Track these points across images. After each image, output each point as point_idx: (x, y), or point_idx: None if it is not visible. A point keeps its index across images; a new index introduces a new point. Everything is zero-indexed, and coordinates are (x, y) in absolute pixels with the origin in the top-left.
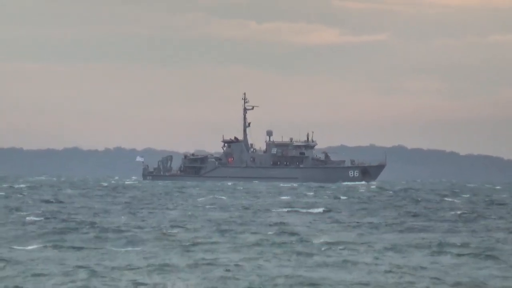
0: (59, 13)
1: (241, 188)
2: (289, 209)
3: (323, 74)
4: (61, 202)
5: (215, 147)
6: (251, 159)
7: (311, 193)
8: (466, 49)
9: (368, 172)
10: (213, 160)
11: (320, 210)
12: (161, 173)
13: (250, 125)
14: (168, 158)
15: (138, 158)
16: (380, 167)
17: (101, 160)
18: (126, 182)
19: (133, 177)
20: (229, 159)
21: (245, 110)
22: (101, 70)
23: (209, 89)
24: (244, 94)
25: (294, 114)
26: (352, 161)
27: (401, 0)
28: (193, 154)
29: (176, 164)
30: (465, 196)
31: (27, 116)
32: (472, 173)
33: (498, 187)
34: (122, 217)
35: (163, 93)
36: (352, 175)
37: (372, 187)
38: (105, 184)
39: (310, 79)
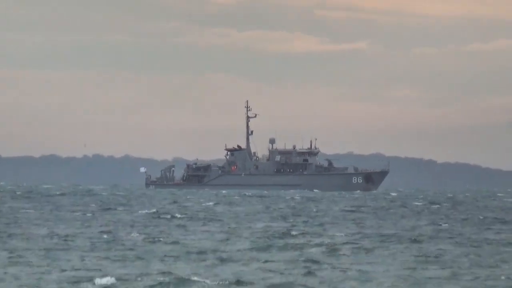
0: (37, 19)
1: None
2: None
3: (303, 82)
4: None
5: (192, 156)
6: (255, 166)
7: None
8: (446, 58)
9: (371, 179)
10: (216, 168)
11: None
12: (164, 182)
13: (253, 133)
14: (170, 167)
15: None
16: (383, 174)
17: (79, 167)
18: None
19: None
20: (232, 167)
21: (247, 118)
22: (85, 77)
23: (191, 97)
24: (247, 102)
25: (273, 122)
26: (356, 168)
27: (382, 9)
28: (195, 164)
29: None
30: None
31: (3, 123)
32: (449, 181)
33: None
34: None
35: (144, 101)
36: (356, 181)
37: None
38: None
39: (291, 87)
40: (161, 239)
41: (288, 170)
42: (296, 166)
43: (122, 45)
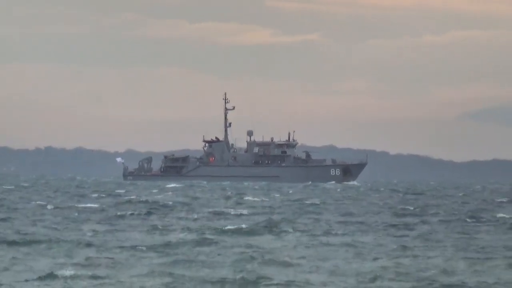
0: None
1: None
2: None
3: (255, 74)
4: None
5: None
6: (233, 158)
7: None
8: (399, 49)
9: (349, 171)
10: (194, 159)
11: None
12: (142, 173)
13: (231, 125)
14: (148, 159)
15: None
16: (361, 166)
17: (31, 159)
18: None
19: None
20: (211, 159)
21: (226, 110)
22: (40, 69)
23: (145, 90)
24: (225, 94)
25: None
26: (334, 160)
27: (335, 0)
28: (173, 155)
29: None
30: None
31: None
32: (401, 172)
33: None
34: None
35: (96, 93)
36: (334, 173)
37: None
38: None
39: (241, 79)
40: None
41: (267, 162)
42: (274, 158)
43: (76, 37)
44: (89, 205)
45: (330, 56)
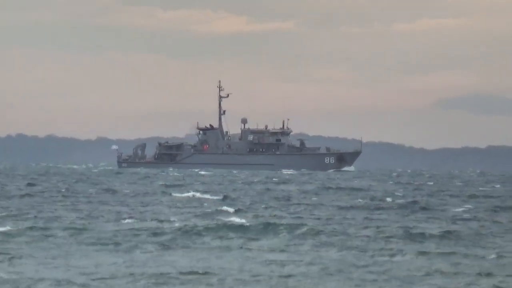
0: None
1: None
2: None
3: (230, 62)
4: None
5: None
6: (227, 146)
7: None
8: (371, 37)
9: (344, 159)
10: (189, 147)
11: None
12: (136, 160)
13: (225, 113)
14: (142, 145)
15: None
16: (356, 154)
17: (2, 146)
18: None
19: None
20: (205, 146)
21: (220, 98)
22: (11, 55)
23: (120, 77)
24: (219, 82)
25: (201, 102)
26: (328, 148)
27: None
28: (167, 142)
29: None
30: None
31: None
32: (373, 159)
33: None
34: None
35: (69, 80)
36: (328, 161)
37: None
38: None
39: (216, 67)
40: None
41: (261, 150)
42: (269, 146)
43: (48, 24)
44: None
45: (303, 44)
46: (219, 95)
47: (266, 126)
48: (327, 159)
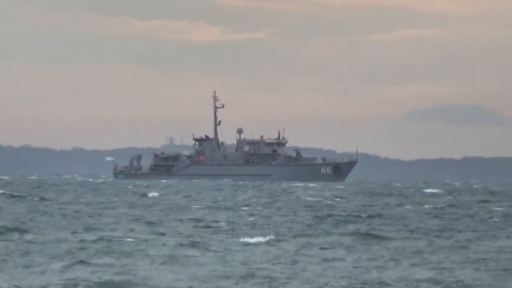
0: None
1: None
2: None
3: (204, 71)
4: None
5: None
6: (223, 156)
7: None
8: (347, 47)
9: (340, 169)
10: (185, 158)
11: None
12: (132, 172)
13: (221, 123)
14: (137, 156)
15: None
16: (351, 164)
17: None
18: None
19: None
20: (201, 157)
21: (215, 108)
22: None
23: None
24: (214, 92)
25: (175, 112)
26: (324, 158)
27: None
28: (163, 153)
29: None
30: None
31: None
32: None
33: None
34: None
35: (45, 91)
36: (324, 172)
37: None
38: None
39: (191, 77)
40: None
41: (257, 161)
42: (265, 157)
43: (23, 34)
44: None
45: (279, 54)
46: (214, 105)
47: (262, 136)
48: (323, 169)
